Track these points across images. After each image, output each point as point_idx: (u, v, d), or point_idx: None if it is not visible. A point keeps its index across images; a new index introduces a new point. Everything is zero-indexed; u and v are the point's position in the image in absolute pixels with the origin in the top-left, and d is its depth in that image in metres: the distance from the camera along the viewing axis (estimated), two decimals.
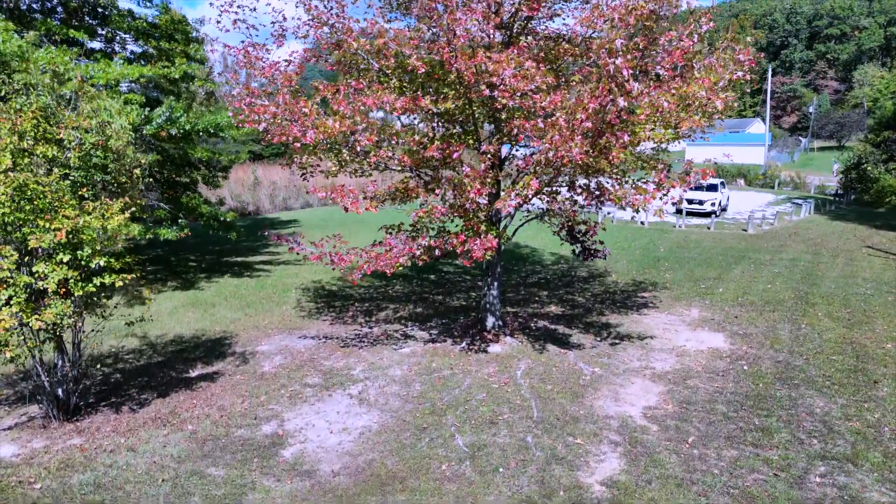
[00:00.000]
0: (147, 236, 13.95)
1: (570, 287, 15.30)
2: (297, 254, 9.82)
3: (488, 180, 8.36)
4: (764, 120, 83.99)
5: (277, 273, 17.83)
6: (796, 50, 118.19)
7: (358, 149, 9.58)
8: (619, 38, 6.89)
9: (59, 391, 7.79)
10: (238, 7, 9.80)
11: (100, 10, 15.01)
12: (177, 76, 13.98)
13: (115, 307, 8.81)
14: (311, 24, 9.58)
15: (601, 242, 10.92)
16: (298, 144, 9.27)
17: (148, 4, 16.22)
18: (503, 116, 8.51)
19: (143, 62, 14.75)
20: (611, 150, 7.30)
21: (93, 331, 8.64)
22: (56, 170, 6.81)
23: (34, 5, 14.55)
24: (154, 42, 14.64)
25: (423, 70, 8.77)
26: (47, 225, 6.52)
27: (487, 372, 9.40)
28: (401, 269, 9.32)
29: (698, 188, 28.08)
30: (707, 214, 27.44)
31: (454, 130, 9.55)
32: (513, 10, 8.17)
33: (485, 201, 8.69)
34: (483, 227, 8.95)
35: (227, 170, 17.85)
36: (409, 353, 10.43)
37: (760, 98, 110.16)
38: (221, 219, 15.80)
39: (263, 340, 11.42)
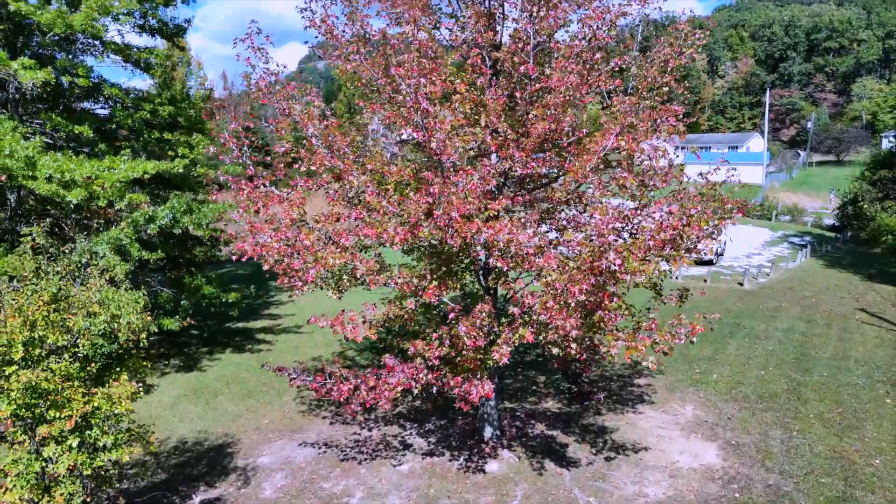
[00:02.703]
0: (151, 328, 14.15)
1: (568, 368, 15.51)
2: (299, 386, 10.08)
3: (484, 331, 8.59)
4: (763, 133, 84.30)
5: (279, 345, 18.08)
6: (795, 63, 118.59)
7: (357, 275, 9.85)
8: (612, 234, 7.14)
9: None
10: (242, 146, 10.07)
11: (104, 94, 15.25)
12: (180, 170, 14.24)
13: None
14: (312, 159, 9.81)
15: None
16: (300, 283, 9.53)
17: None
18: (499, 274, 8.76)
19: (147, 153, 15.00)
20: (604, 326, 7.55)
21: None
22: (66, 355, 7.04)
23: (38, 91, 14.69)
24: (157, 133, 14.87)
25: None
26: (57, 414, 6.75)
27: (485, 503, 9.62)
28: None
29: None
30: (704, 263, 27.68)
31: (454, 268, 9.78)
32: (506, 168, 8.41)
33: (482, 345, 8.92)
34: (480, 361, 9.20)
35: (229, 243, 18.08)
36: (408, 471, 10.65)
37: (759, 111, 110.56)
38: (223, 299, 16.03)
39: (265, 449, 11.64)
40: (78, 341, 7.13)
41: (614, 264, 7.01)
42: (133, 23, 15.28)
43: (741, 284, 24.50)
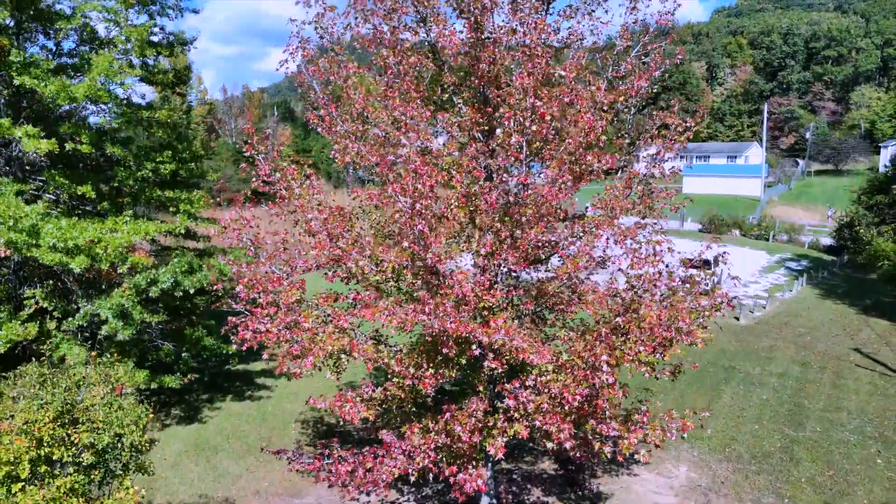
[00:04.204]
0: (151, 385, 14.38)
1: None
2: (298, 469, 10.26)
3: (479, 425, 8.79)
4: (761, 142, 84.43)
5: (278, 391, 18.25)
6: (794, 71, 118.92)
7: (356, 358, 10.08)
8: (605, 352, 7.38)
9: None
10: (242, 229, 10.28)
11: (107, 152, 15.40)
12: (181, 231, 14.43)
13: None
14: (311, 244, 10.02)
15: None
16: (298, 370, 9.74)
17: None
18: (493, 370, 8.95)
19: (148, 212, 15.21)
20: (599, 438, 7.79)
21: None
22: (70, 468, 7.23)
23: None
24: (159, 191, 15.07)
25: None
26: None
27: None
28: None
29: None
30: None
31: (451, 355, 9.96)
32: (498, 262, 8.62)
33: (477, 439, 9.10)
34: (476, 448, 9.41)
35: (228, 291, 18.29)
36: None
37: (758, 119, 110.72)
38: (224, 351, 16.22)
39: None
40: (82, 454, 7.33)
41: (607, 382, 7.25)
42: (135, 80, 15.52)
43: (737, 319, 24.69)
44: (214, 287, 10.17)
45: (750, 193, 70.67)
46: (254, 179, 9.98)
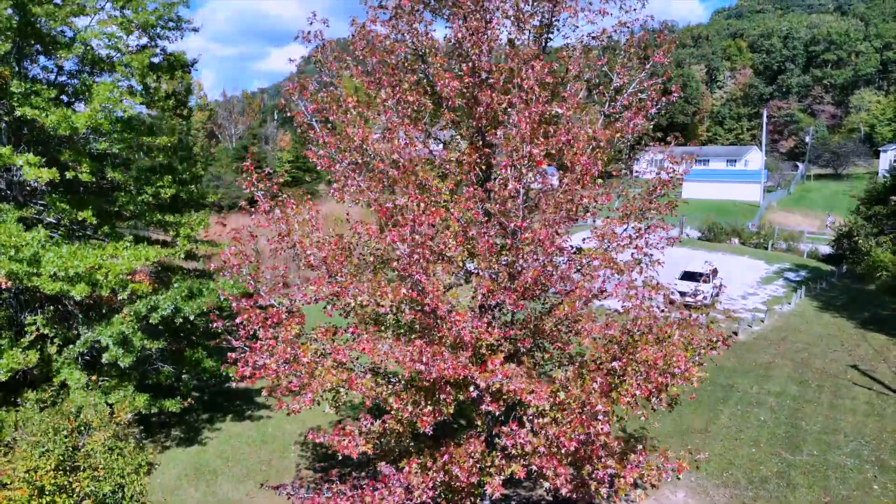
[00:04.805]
0: (152, 410, 14.45)
1: None
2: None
3: (478, 465, 8.87)
4: (761, 146, 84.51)
5: (278, 411, 18.29)
6: (793, 75, 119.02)
7: (355, 392, 10.16)
8: (600, 401, 7.46)
9: None
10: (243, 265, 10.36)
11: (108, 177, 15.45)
12: (182, 256, 14.51)
13: None
14: (312, 279, 10.11)
15: None
16: (297, 406, 9.81)
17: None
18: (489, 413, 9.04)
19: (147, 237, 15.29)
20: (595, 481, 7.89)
21: None
22: None
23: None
24: (159, 215, 15.14)
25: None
26: None
27: None
28: None
29: (690, 278, 28.70)
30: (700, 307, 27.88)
31: (448, 401, 10.04)
32: (496, 302, 8.71)
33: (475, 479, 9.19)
34: (474, 486, 9.49)
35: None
36: None
37: (758, 122, 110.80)
38: (224, 373, 16.28)
39: None
40: (83, 502, 7.41)
41: (603, 431, 7.34)
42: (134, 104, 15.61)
43: (736, 334, 24.75)
44: (214, 324, 10.22)
45: (749, 198, 70.70)
46: (253, 217, 10.07)
